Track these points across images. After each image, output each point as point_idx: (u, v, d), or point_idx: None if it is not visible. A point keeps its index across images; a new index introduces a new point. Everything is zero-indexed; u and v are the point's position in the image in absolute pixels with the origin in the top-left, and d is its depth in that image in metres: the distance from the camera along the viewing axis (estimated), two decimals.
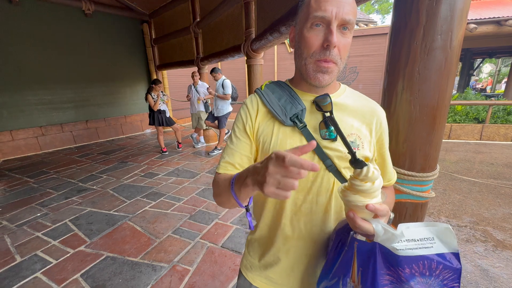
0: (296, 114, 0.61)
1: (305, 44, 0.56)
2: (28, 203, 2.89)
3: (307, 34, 0.55)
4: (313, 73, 0.57)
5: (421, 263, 0.43)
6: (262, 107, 0.65)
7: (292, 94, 0.64)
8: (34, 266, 1.87)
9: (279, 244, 0.66)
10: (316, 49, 0.55)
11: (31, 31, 4.79)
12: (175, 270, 1.80)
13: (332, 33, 0.52)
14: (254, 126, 0.65)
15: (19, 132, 4.87)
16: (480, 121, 5.69)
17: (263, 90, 0.67)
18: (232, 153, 0.65)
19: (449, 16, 0.78)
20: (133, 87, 6.73)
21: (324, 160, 0.60)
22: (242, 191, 0.48)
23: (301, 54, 0.58)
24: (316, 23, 0.53)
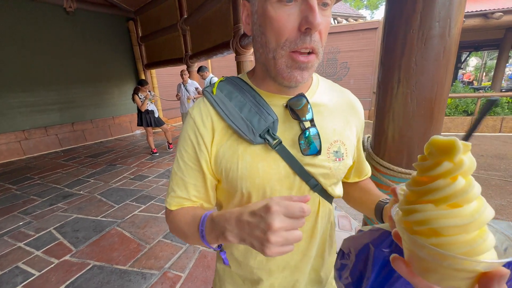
0: (267, 129, 0.46)
1: (271, 29, 0.40)
2: (10, 211, 2.75)
3: (274, 13, 0.39)
4: (287, 70, 0.42)
5: None
6: (218, 121, 0.48)
7: (257, 99, 0.49)
8: (15, 279, 1.76)
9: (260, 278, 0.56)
10: (290, 35, 0.39)
11: (9, 30, 4.56)
12: (166, 277, 1.72)
13: (313, 10, 0.37)
14: (210, 152, 0.49)
15: (1, 137, 4.65)
16: (469, 114, 5.78)
17: (215, 95, 0.49)
18: (184, 185, 0.51)
19: (447, 1, 0.73)
20: (120, 87, 6.54)
21: (308, 181, 0.49)
22: (220, 242, 0.41)
23: (266, 43, 0.42)
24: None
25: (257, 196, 0.49)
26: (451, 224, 0.22)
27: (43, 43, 5.01)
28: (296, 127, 0.49)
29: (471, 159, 0.23)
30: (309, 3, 0.37)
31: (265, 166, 0.47)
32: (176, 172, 0.51)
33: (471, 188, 0.22)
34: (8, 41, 4.57)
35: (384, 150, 0.96)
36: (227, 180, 0.49)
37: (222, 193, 0.55)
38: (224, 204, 0.57)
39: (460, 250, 0.21)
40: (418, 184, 0.25)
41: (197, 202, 0.53)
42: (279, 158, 0.48)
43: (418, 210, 0.24)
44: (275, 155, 0.48)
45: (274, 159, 0.48)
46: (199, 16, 4.31)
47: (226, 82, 0.52)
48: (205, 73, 4.44)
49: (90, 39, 5.75)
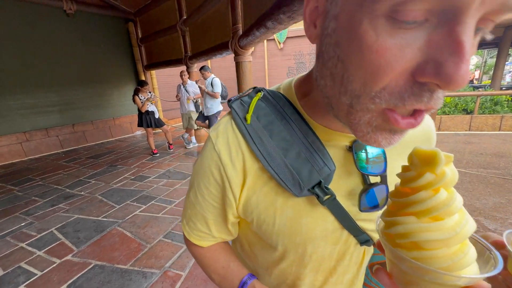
0: (318, 181, 0.35)
1: (362, 62, 0.23)
2: (12, 212, 2.77)
3: (376, 38, 0.21)
4: (367, 130, 0.27)
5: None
6: (252, 160, 0.37)
7: (311, 139, 0.35)
8: (18, 279, 1.78)
9: None
10: (393, 81, 0.23)
11: (9, 32, 4.59)
12: (167, 276, 1.74)
13: (462, 46, 0.19)
14: (238, 198, 0.39)
15: (2, 139, 4.68)
16: (469, 112, 5.78)
17: (249, 125, 0.36)
18: (205, 221, 0.44)
19: None
20: (120, 88, 6.57)
21: (358, 236, 0.41)
22: None
23: (343, 79, 0.25)
24: (409, 15, 0.19)
25: (295, 254, 0.41)
26: (433, 238, 0.21)
27: (43, 45, 5.03)
28: (357, 178, 0.38)
29: (453, 171, 0.22)
30: (455, 30, 0.19)
31: (309, 222, 0.38)
32: (194, 205, 0.43)
33: (452, 201, 0.21)
34: (9, 43, 4.60)
35: None
36: (259, 231, 0.41)
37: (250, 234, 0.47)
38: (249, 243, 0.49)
39: (441, 264, 0.21)
40: (401, 195, 0.24)
41: (219, 238, 0.47)
42: (328, 213, 0.38)
43: (400, 222, 0.23)
44: (323, 210, 0.38)
45: (322, 214, 0.38)
46: (198, 17, 4.32)
47: (265, 103, 0.37)
48: (206, 73, 4.44)
49: (90, 41, 5.78)
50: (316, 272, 0.43)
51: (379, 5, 0.20)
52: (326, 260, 0.42)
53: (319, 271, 0.44)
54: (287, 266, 0.44)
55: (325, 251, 0.41)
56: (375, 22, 0.21)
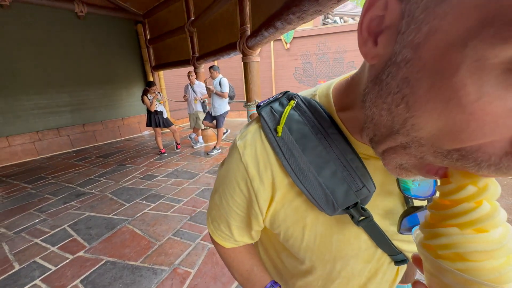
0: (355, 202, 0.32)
1: (441, 118, 0.18)
2: (26, 209, 2.86)
3: (478, 97, 0.16)
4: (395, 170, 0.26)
5: None
6: (281, 175, 0.34)
7: (349, 157, 0.31)
8: (33, 273, 1.84)
9: None
10: (487, 148, 0.18)
11: (23, 35, 4.73)
12: (176, 273, 1.77)
13: None
14: (265, 211, 0.37)
15: (16, 138, 4.82)
16: None
17: (280, 138, 0.32)
18: (228, 225, 0.43)
19: None
20: (129, 88, 6.68)
21: (393, 255, 0.39)
22: None
23: (406, 124, 0.21)
24: None
25: (323, 270, 0.39)
26: (479, 249, 0.20)
27: (55, 47, 5.17)
28: (396, 198, 0.35)
29: (495, 184, 0.21)
30: None
31: (341, 240, 0.35)
32: (218, 208, 0.42)
33: (497, 213, 0.21)
34: (23, 45, 4.74)
35: None
36: (287, 244, 0.39)
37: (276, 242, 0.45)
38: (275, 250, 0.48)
39: (487, 276, 0.20)
40: (441, 207, 0.23)
41: (241, 242, 0.46)
42: (362, 232, 0.35)
43: (442, 234, 0.22)
44: (357, 229, 0.35)
45: (356, 233, 0.35)
46: (206, 18, 4.37)
47: (299, 114, 0.33)
48: (215, 73, 4.46)
49: (100, 42, 5.90)
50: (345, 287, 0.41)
51: (498, 51, 0.14)
52: (356, 277, 0.39)
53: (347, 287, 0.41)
54: (313, 280, 0.42)
55: (355, 269, 0.38)
56: (482, 74, 0.15)
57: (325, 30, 7.87)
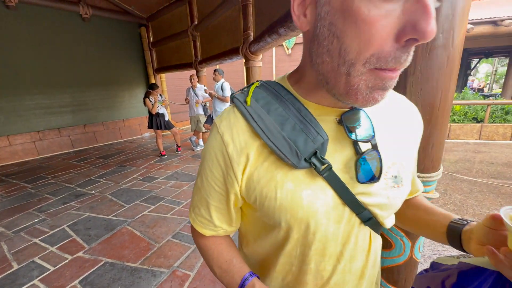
0: (314, 151, 0.38)
1: (357, 34, 0.28)
2: (25, 209, 2.86)
3: (367, 11, 0.27)
4: (365, 92, 0.32)
5: None
6: (252, 139, 0.40)
7: (303, 113, 0.39)
8: (32, 273, 1.84)
9: None
10: (381, 47, 0.28)
11: (28, 36, 4.78)
12: (175, 275, 1.77)
13: (428, 10, 0.26)
14: (241, 177, 0.41)
15: (17, 137, 4.83)
16: (479, 121, 5.71)
17: (249, 106, 0.40)
18: (207, 206, 0.46)
19: (450, 14, 0.77)
20: (131, 90, 6.72)
21: (360, 213, 0.41)
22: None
23: (341, 52, 0.30)
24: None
25: (299, 231, 0.42)
26: None
27: (59, 48, 5.22)
28: (350, 148, 0.41)
29: None
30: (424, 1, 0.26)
31: (310, 195, 0.39)
32: (199, 189, 0.47)
33: None
34: (27, 46, 4.79)
35: None
36: (262, 210, 0.42)
37: (254, 222, 0.49)
38: (254, 235, 0.51)
39: None
40: None
41: (219, 228, 0.49)
42: (327, 185, 0.40)
43: None
44: (322, 182, 0.40)
45: (321, 187, 0.40)
46: (209, 22, 4.43)
47: (262, 89, 0.42)
48: (218, 76, 4.48)
49: (104, 44, 5.96)
50: (322, 256, 0.43)
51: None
52: (331, 242, 0.42)
53: (325, 257, 0.43)
54: (291, 249, 0.44)
55: (328, 230, 0.41)
56: (365, 0, 0.27)
57: None
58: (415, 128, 0.48)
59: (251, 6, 3.24)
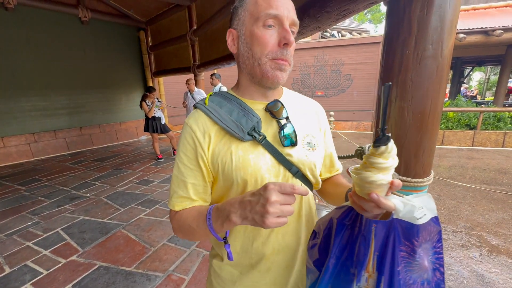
0: (253, 127, 0.56)
1: (258, 44, 0.53)
2: (18, 211, 2.82)
3: (260, 33, 0.53)
4: (271, 71, 0.54)
5: (428, 229, 0.45)
6: (212, 125, 0.58)
7: (243, 105, 0.59)
8: (24, 277, 1.81)
9: (258, 265, 0.62)
10: (271, 48, 0.53)
11: (26, 38, 4.78)
12: (170, 280, 1.76)
13: (288, 32, 0.52)
14: (207, 153, 0.57)
15: (11, 139, 4.79)
16: (472, 128, 5.81)
17: (207, 106, 0.60)
18: (184, 185, 0.58)
19: (439, 26, 0.81)
20: (128, 93, 6.72)
21: (290, 168, 0.59)
22: (225, 228, 0.48)
23: (253, 55, 0.55)
24: (268, 23, 0.52)
25: (251, 184, 0.56)
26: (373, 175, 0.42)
27: (57, 50, 5.22)
28: (275, 125, 0.59)
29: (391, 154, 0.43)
30: (285, 27, 0.53)
31: (255, 158, 0.57)
32: (177, 176, 0.59)
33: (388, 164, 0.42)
34: (26, 47, 4.78)
35: None
36: (224, 173, 0.57)
37: (218, 190, 0.62)
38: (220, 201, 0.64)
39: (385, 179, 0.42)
40: (369, 164, 0.44)
41: (196, 201, 0.60)
42: (265, 151, 0.58)
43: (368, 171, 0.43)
44: (261, 148, 0.58)
45: (262, 152, 0.58)
46: (208, 28, 4.48)
47: (215, 96, 0.63)
48: (216, 80, 4.55)
49: (102, 47, 5.97)
50: None
51: (259, 22, 0.53)
52: None
53: None
54: None
55: None
56: (259, 28, 0.53)
57: (323, 43, 8.08)
58: (315, 113, 0.69)
59: None
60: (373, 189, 0.45)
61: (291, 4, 0.54)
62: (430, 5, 0.79)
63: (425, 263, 0.45)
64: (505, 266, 1.92)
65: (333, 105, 8.26)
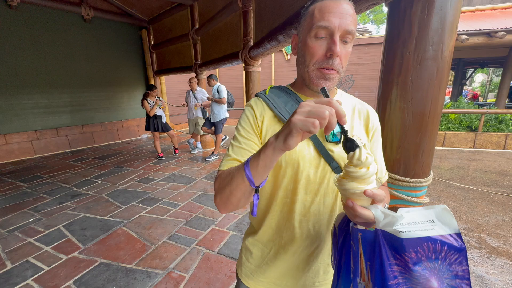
0: None
1: (308, 53, 0.58)
2: (20, 208, 2.84)
3: (311, 43, 0.57)
4: (316, 79, 0.59)
5: (425, 245, 0.41)
6: (268, 111, 0.66)
7: (298, 99, 0.66)
8: (25, 273, 1.83)
9: (287, 246, 0.67)
10: (319, 57, 0.57)
11: (29, 36, 4.80)
12: (170, 277, 1.78)
13: (335, 43, 0.54)
14: (262, 128, 0.65)
15: (13, 136, 4.82)
16: (473, 129, 5.80)
17: (267, 95, 0.68)
18: (239, 151, 0.63)
19: (439, 28, 0.82)
20: (130, 92, 6.74)
21: (330, 163, 0.62)
22: (260, 158, 0.47)
23: (304, 61, 0.60)
24: (319, 34, 0.56)
25: (292, 169, 0.63)
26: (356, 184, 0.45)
27: (60, 48, 5.24)
28: None
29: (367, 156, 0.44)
30: (333, 38, 0.55)
31: (300, 146, 0.62)
32: (233, 144, 0.65)
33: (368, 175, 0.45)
34: (28, 45, 4.81)
35: None
36: None
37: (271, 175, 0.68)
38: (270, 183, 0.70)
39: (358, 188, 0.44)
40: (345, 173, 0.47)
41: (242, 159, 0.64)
42: (310, 142, 0.63)
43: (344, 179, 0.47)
44: (307, 140, 0.63)
45: (307, 142, 0.63)
46: (210, 27, 4.49)
47: (275, 88, 0.71)
48: (212, 81, 4.60)
49: (105, 46, 6.00)
50: (306, 191, 0.64)
51: (311, 33, 0.57)
52: (311, 181, 0.63)
53: (307, 191, 0.64)
54: (287, 183, 0.64)
55: (310, 172, 0.63)
56: (311, 38, 0.57)
57: None
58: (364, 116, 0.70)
59: (252, 12, 3.30)
60: (350, 197, 0.46)
61: (347, 13, 0.55)
62: (431, 6, 0.79)
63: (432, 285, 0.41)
64: (504, 267, 1.92)
65: None
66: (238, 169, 0.53)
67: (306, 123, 0.39)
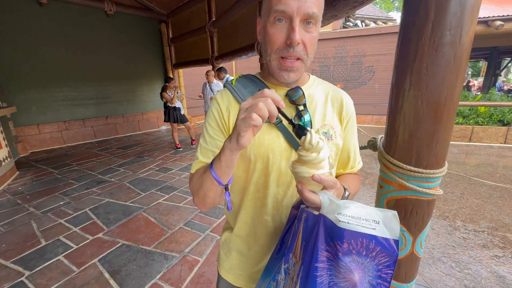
0: None
1: (268, 40, 0.54)
2: (52, 192, 3.09)
3: (270, 29, 0.52)
4: (277, 71, 0.56)
5: (359, 240, 0.42)
6: (234, 103, 0.63)
7: (263, 87, 0.63)
8: (57, 249, 2.01)
9: (262, 239, 0.67)
10: (279, 45, 0.53)
11: (57, 32, 5.09)
12: (186, 260, 1.87)
13: (294, 30, 0.49)
14: (228, 123, 0.62)
15: (45, 126, 5.19)
16: (505, 124, 5.38)
17: (234, 86, 0.65)
18: (206, 153, 0.62)
19: (458, 11, 0.78)
20: (150, 85, 6.96)
21: None
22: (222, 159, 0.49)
23: (266, 49, 0.56)
24: (278, 17, 0.51)
25: (262, 162, 0.61)
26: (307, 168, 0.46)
27: (85, 43, 5.51)
28: (293, 111, 0.62)
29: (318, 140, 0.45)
30: (292, 24, 0.50)
31: (269, 139, 0.61)
32: (201, 144, 0.64)
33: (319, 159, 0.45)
34: (57, 41, 5.10)
35: (394, 149, 1.00)
36: None
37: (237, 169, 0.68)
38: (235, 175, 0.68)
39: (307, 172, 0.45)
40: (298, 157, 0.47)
41: None
42: (280, 134, 0.61)
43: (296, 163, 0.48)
44: (277, 131, 0.61)
45: (277, 134, 0.61)
46: (226, 19, 4.49)
47: (242, 78, 0.68)
48: (221, 74, 4.71)
49: (126, 40, 6.21)
50: (277, 184, 0.62)
51: (270, 17, 0.52)
52: (283, 174, 0.62)
53: (279, 184, 0.63)
54: (258, 177, 0.63)
55: (281, 165, 0.61)
56: (269, 23, 0.53)
57: (344, 33, 7.78)
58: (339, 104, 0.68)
59: None
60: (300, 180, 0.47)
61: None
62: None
63: (354, 278, 0.42)
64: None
65: (352, 98, 7.89)
66: (205, 172, 0.54)
67: (247, 120, 0.41)
